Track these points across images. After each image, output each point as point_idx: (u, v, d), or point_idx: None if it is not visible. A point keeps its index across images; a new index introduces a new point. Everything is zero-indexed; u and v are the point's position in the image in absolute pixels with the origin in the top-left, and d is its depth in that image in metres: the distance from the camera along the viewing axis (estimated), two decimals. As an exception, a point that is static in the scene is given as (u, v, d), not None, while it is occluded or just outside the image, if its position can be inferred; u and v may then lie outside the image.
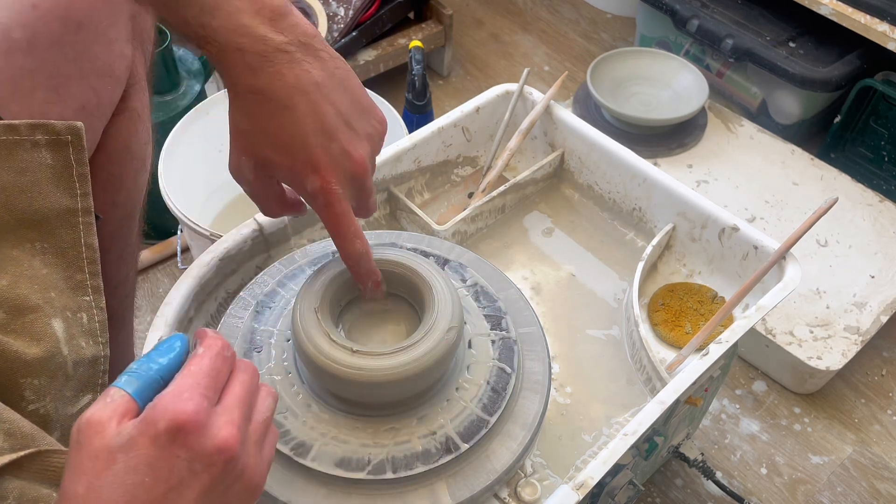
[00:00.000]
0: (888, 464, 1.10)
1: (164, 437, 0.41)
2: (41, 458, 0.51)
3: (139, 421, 0.42)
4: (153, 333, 0.67)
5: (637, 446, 0.75)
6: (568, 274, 0.87)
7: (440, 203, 0.93)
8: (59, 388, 0.59)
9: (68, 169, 0.61)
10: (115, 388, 0.43)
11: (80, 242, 0.62)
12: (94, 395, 0.62)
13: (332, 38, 1.40)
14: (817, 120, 1.48)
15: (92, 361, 0.62)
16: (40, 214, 0.60)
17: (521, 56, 1.70)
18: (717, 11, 1.46)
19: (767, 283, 0.79)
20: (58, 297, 0.60)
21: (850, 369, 1.16)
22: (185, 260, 1.23)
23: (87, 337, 0.61)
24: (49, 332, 0.58)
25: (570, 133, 0.91)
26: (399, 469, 0.58)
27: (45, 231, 0.60)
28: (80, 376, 0.61)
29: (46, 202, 0.60)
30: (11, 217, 0.59)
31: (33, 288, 0.58)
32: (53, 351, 0.58)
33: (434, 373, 0.59)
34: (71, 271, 0.61)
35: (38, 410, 0.57)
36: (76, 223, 0.61)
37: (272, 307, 0.67)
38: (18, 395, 0.56)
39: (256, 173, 0.58)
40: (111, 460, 0.41)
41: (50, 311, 0.59)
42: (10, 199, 0.58)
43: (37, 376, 0.57)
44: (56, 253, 0.61)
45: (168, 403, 0.42)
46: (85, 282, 0.62)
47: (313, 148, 0.54)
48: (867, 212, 1.28)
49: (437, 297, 0.60)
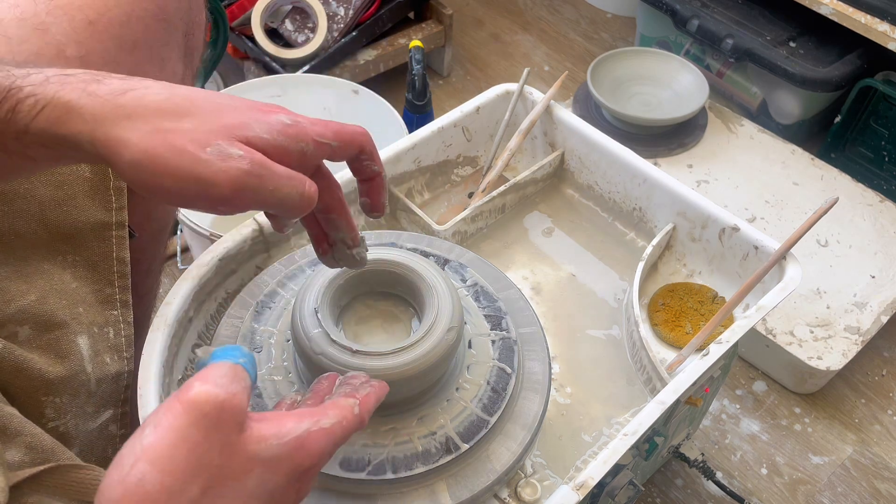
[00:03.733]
0: (888, 464, 1.10)
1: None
2: (60, 472, 0.51)
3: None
4: (153, 334, 0.67)
5: (637, 446, 0.74)
6: (568, 274, 0.87)
7: (440, 203, 0.93)
8: (81, 406, 0.59)
9: (105, 182, 0.60)
10: (241, 367, 0.41)
11: (112, 256, 0.61)
12: (115, 409, 0.62)
13: (333, 37, 1.40)
14: (817, 120, 1.48)
15: (115, 377, 0.61)
16: (75, 228, 0.59)
17: (521, 56, 1.70)
18: (717, 11, 1.46)
19: (767, 283, 0.79)
20: (85, 313, 0.59)
21: (850, 369, 1.16)
22: (185, 260, 1.23)
23: (113, 352, 0.61)
24: (74, 351, 0.58)
25: (570, 133, 0.91)
26: (399, 469, 0.58)
27: (78, 244, 0.59)
28: (102, 392, 0.60)
29: (82, 216, 0.59)
30: (45, 230, 0.58)
31: (62, 303, 0.58)
32: (77, 369, 0.58)
33: (434, 373, 0.59)
34: (101, 285, 0.61)
35: (58, 428, 0.57)
36: (109, 237, 0.61)
37: (272, 307, 0.67)
38: (38, 412, 0.56)
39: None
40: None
41: (76, 328, 0.58)
42: (46, 213, 0.58)
43: (58, 395, 0.57)
44: (87, 266, 0.60)
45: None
46: (114, 296, 0.61)
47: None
48: (867, 212, 1.28)
49: (437, 297, 0.60)
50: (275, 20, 1.42)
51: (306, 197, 0.45)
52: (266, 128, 0.44)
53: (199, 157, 0.42)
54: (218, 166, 0.42)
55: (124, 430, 0.63)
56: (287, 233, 0.58)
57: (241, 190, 0.42)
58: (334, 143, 0.48)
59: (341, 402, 0.46)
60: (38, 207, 0.58)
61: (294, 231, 0.80)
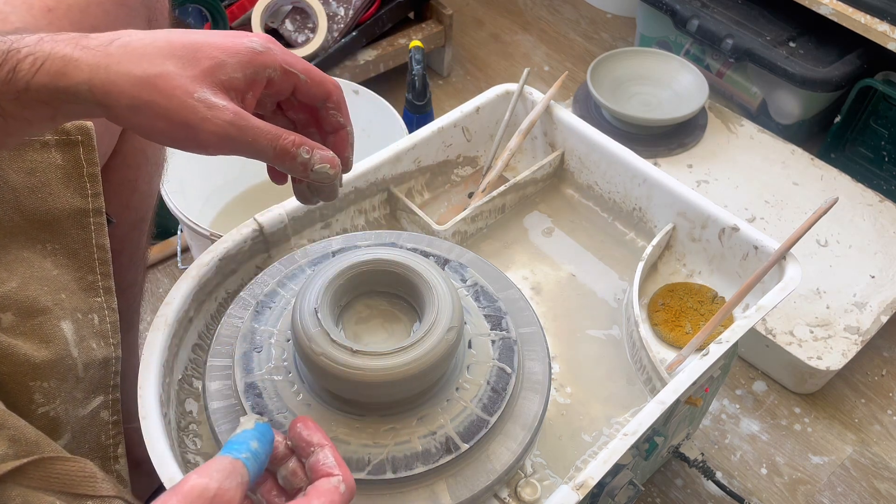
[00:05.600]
0: (888, 464, 1.10)
1: None
2: (45, 465, 0.51)
3: None
4: (153, 334, 0.67)
5: (637, 446, 0.74)
6: (568, 274, 0.87)
7: (440, 203, 0.93)
8: (70, 391, 0.59)
9: (78, 169, 0.61)
10: (241, 463, 0.44)
11: (92, 243, 0.61)
12: (105, 395, 0.62)
13: (333, 38, 1.40)
14: (817, 120, 1.48)
15: (103, 363, 0.61)
16: (51, 215, 0.59)
17: (521, 56, 1.70)
18: (717, 11, 1.46)
19: (767, 283, 0.79)
20: (68, 299, 0.59)
21: (850, 369, 1.16)
22: (185, 260, 1.23)
23: (99, 338, 0.61)
24: (58, 335, 0.58)
25: (570, 133, 0.91)
26: (399, 469, 0.58)
27: (57, 232, 0.60)
28: (90, 378, 0.61)
29: (57, 203, 0.60)
30: (22, 218, 0.58)
31: (43, 290, 0.58)
32: (63, 353, 0.58)
33: (434, 373, 0.59)
34: (82, 272, 0.61)
35: (49, 413, 0.57)
36: (87, 224, 0.61)
37: (272, 307, 0.67)
38: (28, 398, 0.56)
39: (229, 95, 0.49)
40: None
41: (59, 314, 0.58)
42: (21, 200, 0.58)
43: (46, 379, 0.57)
44: (67, 254, 0.60)
45: None
46: (97, 282, 0.62)
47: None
48: (867, 212, 1.28)
49: (437, 297, 0.60)
50: (275, 20, 1.42)
51: (279, 150, 0.49)
52: (238, 64, 0.48)
53: (186, 103, 0.46)
54: (203, 114, 0.46)
55: (116, 417, 0.64)
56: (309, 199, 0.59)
57: (223, 138, 0.47)
58: (302, 77, 0.51)
59: (322, 488, 0.46)
60: (11, 194, 0.58)
61: (294, 231, 0.80)
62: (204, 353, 0.73)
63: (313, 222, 0.81)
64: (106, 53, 0.45)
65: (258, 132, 0.48)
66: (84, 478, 0.52)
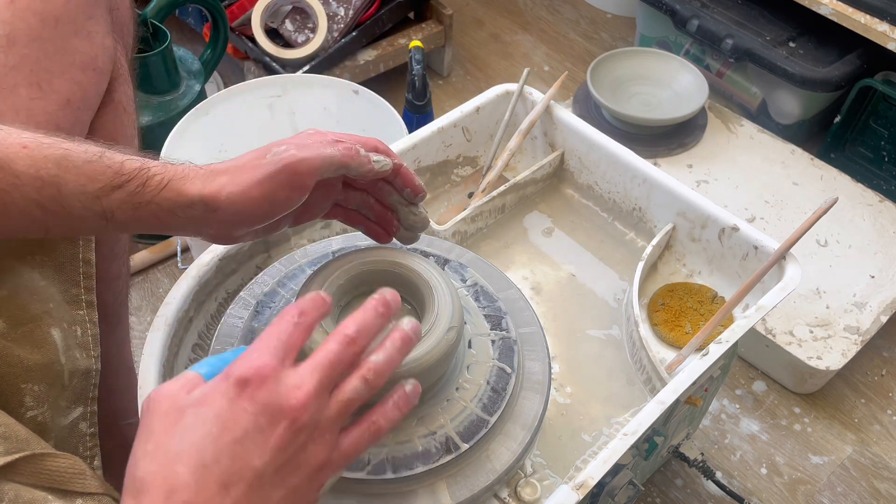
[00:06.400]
0: (888, 464, 1.10)
1: (232, 390, 0.43)
2: (36, 461, 0.51)
3: (211, 381, 0.44)
4: (153, 334, 0.67)
5: (637, 446, 0.75)
6: (568, 274, 0.87)
7: (440, 203, 0.93)
8: (56, 398, 0.59)
9: None
10: (189, 371, 0.46)
11: (79, 258, 0.62)
12: (84, 407, 0.63)
13: (333, 38, 1.40)
14: (817, 120, 1.48)
15: (85, 374, 0.62)
16: None
17: (521, 56, 1.70)
18: (717, 11, 1.46)
19: (767, 283, 0.79)
20: (55, 309, 0.60)
21: (850, 369, 1.16)
22: (185, 260, 1.23)
23: (81, 349, 0.62)
24: (49, 340, 0.58)
25: (570, 133, 0.91)
26: (399, 469, 0.58)
27: (46, 245, 0.60)
28: (73, 387, 0.61)
29: None
30: None
31: (32, 298, 0.58)
32: (53, 358, 0.58)
33: (434, 372, 0.59)
34: (67, 286, 0.61)
35: (37, 417, 0.57)
36: (76, 239, 0.62)
37: (272, 307, 0.67)
38: (19, 400, 0.56)
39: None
40: (180, 415, 0.43)
41: (49, 321, 0.59)
42: None
43: (37, 382, 0.57)
44: (54, 267, 0.61)
45: (237, 361, 0.45)
46: (80, 296, 0.62)
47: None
48: (867, 212, 1.28)
49: (437, 297, 0.60)
50: (275, 20, 1.42)
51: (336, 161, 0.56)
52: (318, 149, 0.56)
53: (259, 164, 0.54)
54: (271, 160, 0.54)
55: (93, 429, 0.64)
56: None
57: (293, 168, 0.54)
58: (357, 146, 0.57)
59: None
60: None
61: (294, 231, 0.80)
62: (204, 353, 0.73)
63: (313, 222, 0.81)
64: (209, 169, 0.54)
65: (325, 147, 0.56)
66: (74, 474, 0.52)
